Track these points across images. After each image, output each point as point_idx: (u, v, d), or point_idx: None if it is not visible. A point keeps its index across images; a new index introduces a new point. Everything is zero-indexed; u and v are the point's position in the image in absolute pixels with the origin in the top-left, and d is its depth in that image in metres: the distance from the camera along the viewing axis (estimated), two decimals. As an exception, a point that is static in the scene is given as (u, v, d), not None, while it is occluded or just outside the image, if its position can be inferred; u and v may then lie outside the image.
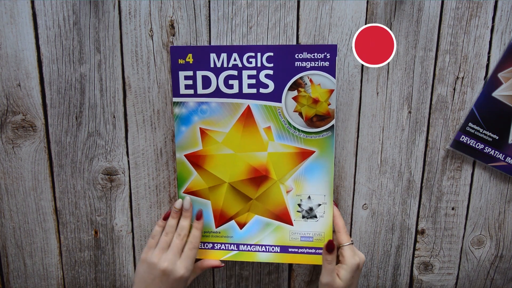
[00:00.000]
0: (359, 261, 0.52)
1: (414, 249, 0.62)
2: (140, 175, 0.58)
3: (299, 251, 0.56)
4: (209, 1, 0.52)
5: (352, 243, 0.54)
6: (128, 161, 0.57)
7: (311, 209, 0.55)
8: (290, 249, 0.56)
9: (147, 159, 0.57)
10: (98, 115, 0.55)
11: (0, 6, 0.51)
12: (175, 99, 0.53)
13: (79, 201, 0.58)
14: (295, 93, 0.52)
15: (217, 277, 0.62)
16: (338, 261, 0.54)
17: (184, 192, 0.56)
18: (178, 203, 0.55)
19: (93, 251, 0.60)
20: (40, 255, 0.60)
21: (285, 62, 0.51)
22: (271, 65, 0.52)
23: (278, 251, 0.56)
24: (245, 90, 0.53)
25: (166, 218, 0.55)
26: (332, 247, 0.52)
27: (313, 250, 0.56)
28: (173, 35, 0.53)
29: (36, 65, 0.54)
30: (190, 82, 0.53)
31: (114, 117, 0.56)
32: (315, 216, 0.55)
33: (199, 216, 0.55)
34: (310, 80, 0.52)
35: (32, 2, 0.52)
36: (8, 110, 0.55)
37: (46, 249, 0.60)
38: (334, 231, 0.56)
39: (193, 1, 0.52)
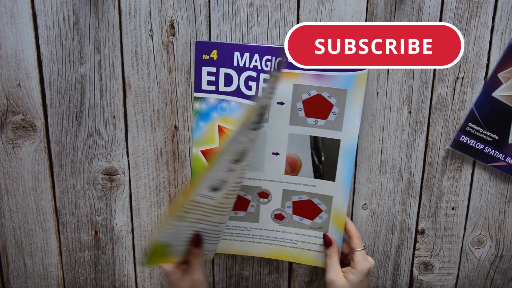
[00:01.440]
0: (369, 265, 0.53)
1: (414, 249, 0.62)
2: (140, 175, 0.58)
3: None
4: (209, 1, 0.52)
5: (364, 249, 0.54)
6: (128, 161, 0.57)
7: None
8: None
9: (147, 159, 0.57)
10: (98, 115, 0.55)
11: (0, 6, 0.51)
12: (196, 94, 0.53)
13: (79, 201, 0.58)
14: None
15: (217, 277, 0.62)
16: (348, 265, 0.54)
17: None
18: None
19: (93, 251, 0.60)
20: (40, 255, 0.60)
21: None
22: None
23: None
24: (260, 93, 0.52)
25: None
26: (327, 242, 0.54)
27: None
28: (173, 35, 0.53)
29: (36, 65, 0.54)
30: (212, 78, 0.52)
31: (114, 117, 0.56)
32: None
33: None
34: None
35: (32, 2, 0.52)
36: (8, 110, 0.55)
37: (46, 249, 0.60)
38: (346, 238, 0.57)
39: (193, 1, 0.52)
